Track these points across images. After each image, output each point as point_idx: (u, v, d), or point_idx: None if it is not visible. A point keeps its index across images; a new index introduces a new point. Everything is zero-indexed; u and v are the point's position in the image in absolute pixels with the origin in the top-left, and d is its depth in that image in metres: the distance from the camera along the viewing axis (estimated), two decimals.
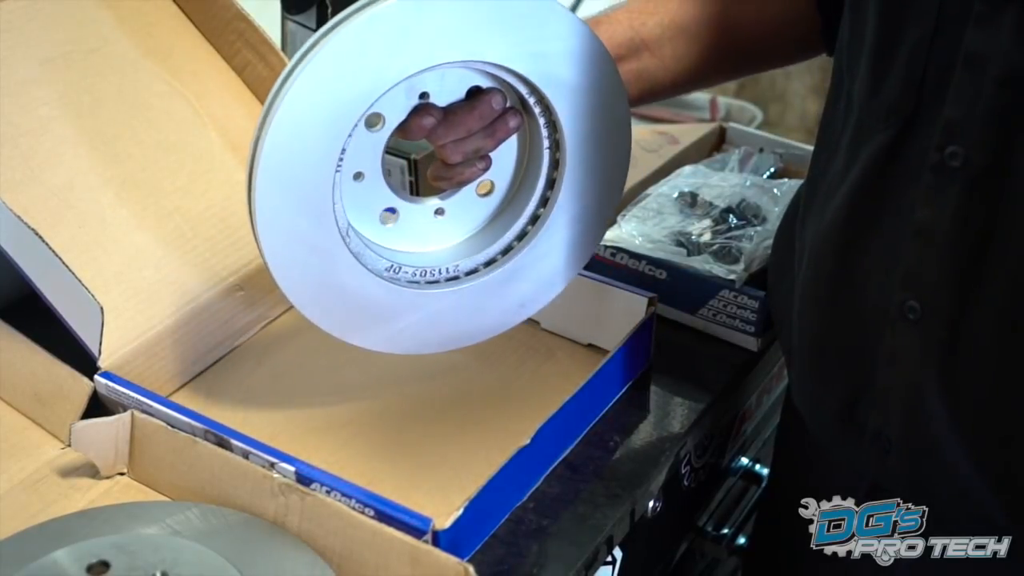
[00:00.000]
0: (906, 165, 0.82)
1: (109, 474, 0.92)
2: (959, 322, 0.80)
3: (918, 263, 0.81)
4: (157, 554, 0.80)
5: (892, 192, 0.83)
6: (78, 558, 0.79)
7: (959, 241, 0.79)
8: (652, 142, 1.34)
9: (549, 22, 0.88)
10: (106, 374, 0.93)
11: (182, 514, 0.85)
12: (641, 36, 1.01)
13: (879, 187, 0.84)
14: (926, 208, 0.80)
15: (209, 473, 0.87)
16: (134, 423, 0.91)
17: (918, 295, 0.82)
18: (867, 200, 0.85)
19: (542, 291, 1.00)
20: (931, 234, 0.80)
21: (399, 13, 0.83)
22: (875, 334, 0.85)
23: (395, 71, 0.85)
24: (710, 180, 1.20)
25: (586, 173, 0.95)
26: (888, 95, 0.82)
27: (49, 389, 0.95)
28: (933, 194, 0.80)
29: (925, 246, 0.81)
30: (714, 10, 1.02)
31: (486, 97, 0.89)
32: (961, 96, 0.77)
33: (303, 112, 0.84)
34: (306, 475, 0.85)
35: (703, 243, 1.11)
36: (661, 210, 1.16)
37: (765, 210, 1.15)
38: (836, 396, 0.91)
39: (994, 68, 0.75)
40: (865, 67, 0.84)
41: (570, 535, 0.89)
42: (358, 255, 0.92)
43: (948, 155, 0.78)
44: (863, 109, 0.85)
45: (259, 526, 0.84)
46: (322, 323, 0.94)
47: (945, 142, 0.78)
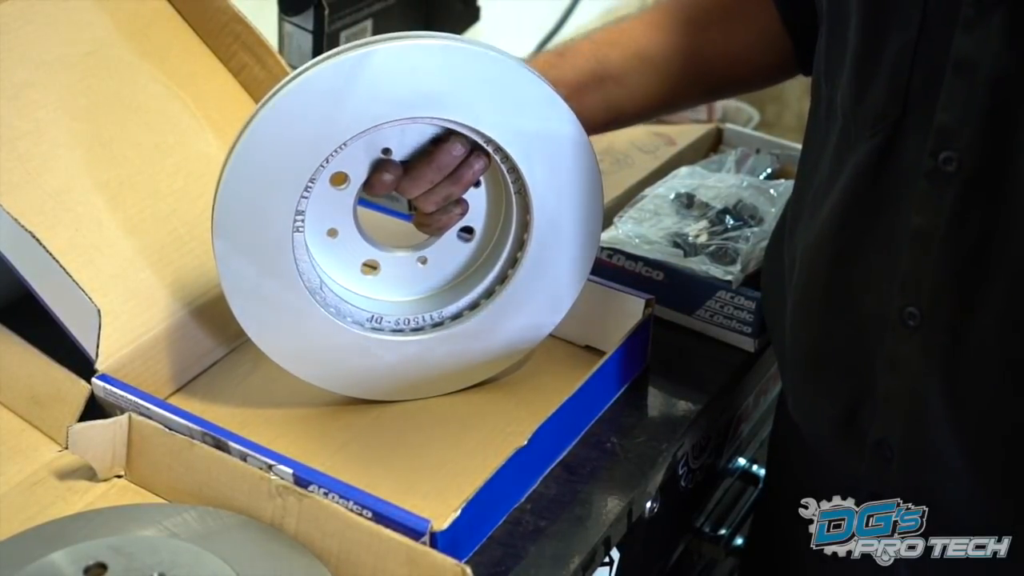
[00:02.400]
0: (897, 171, 0.81)
1: (106, 476, 0.92)
2: (960, 326, 0.80)
3: (916, 270, 0.81)
4: (155, 556, 0.80)
5: (884, 199, 0.83)
6: (75, 560, 0.79)
7: (957, 245, 0.79)
8: (649, 143, 1.34)
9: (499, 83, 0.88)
10: (103, 377, 0.93)
11: (179, 516, 0.85)
12: (605, 67, 1.01)
13: (870, 194, 0.83)
14: (922, 214, 0.80)
15: (206, 475, 0.88)
16: (131, 425, 0.91)
17: (917, 301, 0.81)
18: (858, 208, 0.84)
19: (529, 332, 1.00)
20: (928, 240, 0.80)
21: (333, 75, 0.84)
22: (874, 342, 0.85)
23: (336, 132, 0.86)
24: (707, 181, 1.20)
25: (557, 216, 0.95)
26: (874, 102, 0.82)
27: (46, 391, 0.95)
28: (928, 200, 0.79)
29: (923, 252, 0.80)
30: (680, 40, 1.02)
31: (445, 147, 0.89)
32: (952, 101, 0.77)
33: (250, 173, 0.86)
34: (304, 477, 0.85)
35: (700, 244, 1.11)
36: (658, 211, 1.16)
37: (762, 211, 1.15)
38: (835, 405, 0.90)
39: (984, 72, 0.75)
40: (849, 74, 0.84)
41: (567, 536, 0.89)
42: (336, 309, 0.94)
43: (942, 160, 0.78)
44: (848, 116, 0.85)
45: (256, 528, 0.84)
46: (310, 379, 0.97)
47: (938, 147, 0.78)
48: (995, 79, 0.75)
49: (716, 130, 1.38)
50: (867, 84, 0.82)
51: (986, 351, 0.80)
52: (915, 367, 0.83)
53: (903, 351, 0.83)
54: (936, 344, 0.81)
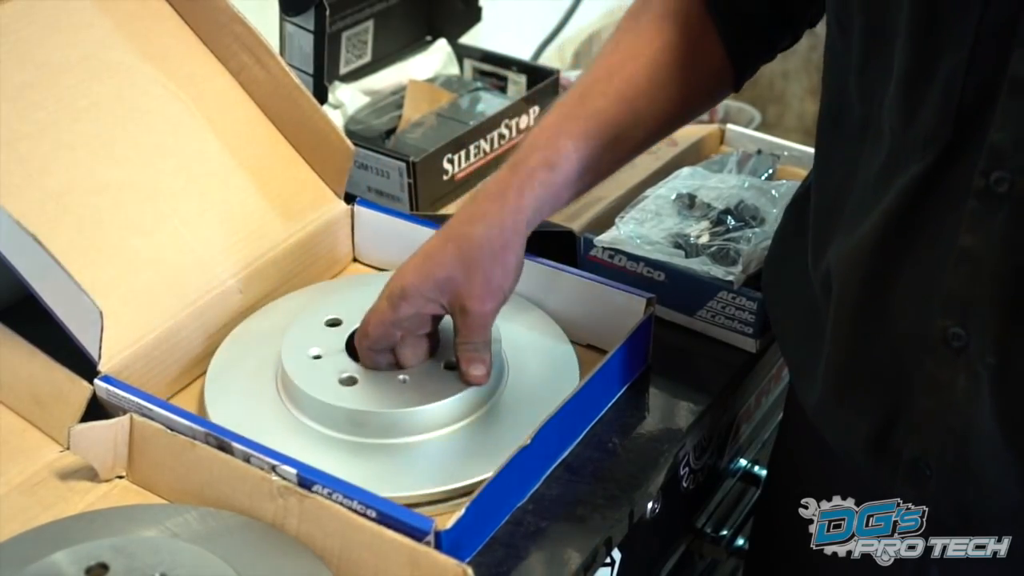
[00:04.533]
0: (945, 192, 0.80)
1: (108, 477, 0.92)
2: (1009, 347, 0.79)
3: (963, 290, 0.79)
4: (156, 556, 0.80)
5: (929, 219, 0.81)
6: (77, 560, 0.80)
7: (1007, 267, 0.77)
8: None
9: None
10: (106, 378, 0.93)
11: (181, 517, 0.85)
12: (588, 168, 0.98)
13: (915, 214, 0.82)
14: (970, 234, 0.78)
15: (208, 475, 0.88)
16: (133, 426, 0.91)
17: (963, 322, 0.80)
18: (901, 227, 0.83)
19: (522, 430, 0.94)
20: (978, 261, 0.78)
21: None
22: (910, 361, 0.83)
23: None
24: (708, 182, 1.20)
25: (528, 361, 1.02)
26: (925, 124, 0.80)
27: (48, 392, 0.95)
28: (979, 220, 0.78)
29: (971, 273, 0.79)
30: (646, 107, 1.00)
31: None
32: (1007, 121, 0.75)
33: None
34: (308, 477, 0.85)
35: (701, 245, 1.11)
36: (659, 212, 1.16)
37: (763, 211, 1.15)
38: (868, 422, 0.88)
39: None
40: (897, 95, 0.82)
41: (569, 537, 0.89)
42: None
43: (994, 181, 0.76)
44: (897, 138, 0.83)
45: (258, 529, 0.84)
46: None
47: (990, 168, 0.76)
48: None
49: (718, 131, 1.38)
50: (918, 105, 0.80)
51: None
52: (959, 388, 0.81)
53: (946, 372, 0.81)
54: (983, 365, 0.80)
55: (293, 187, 1.14)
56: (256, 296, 1.08)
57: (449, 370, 0.97)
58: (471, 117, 1.34)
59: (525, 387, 1.00)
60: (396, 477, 0.91)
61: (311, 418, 0.95)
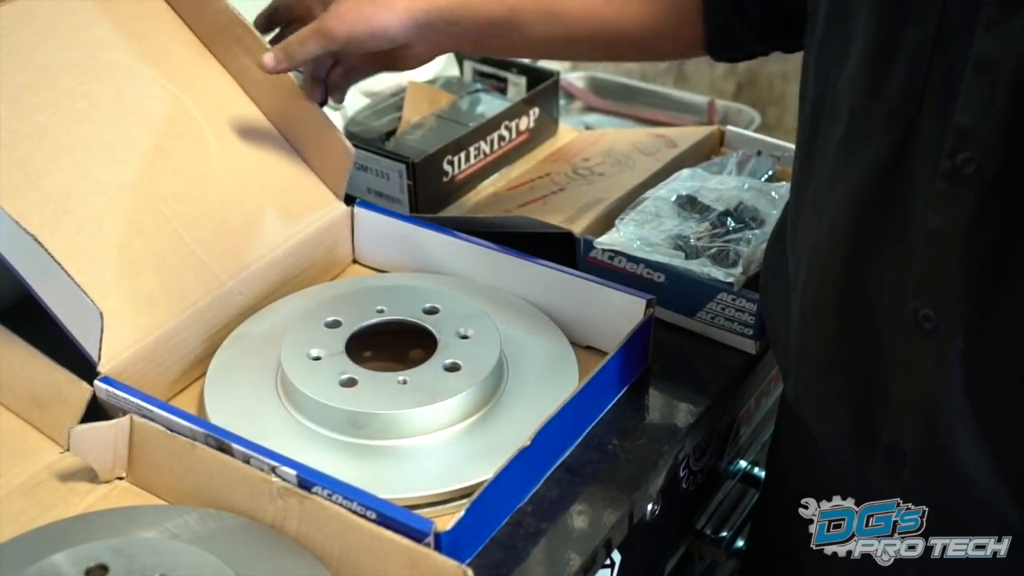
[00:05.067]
0: (911, 171, 0.80)
1: (108, 478, 0.92)
2: (978, 328, 0.79)
3: (932, 272, 0.80)
4: (156, 558, 0.80)
5: (897, 198, 0.81)
6: (77, 562, 0.79)
7: (976, 248, 0.77)
8: (650, 145, 1.34)
9: None
10: (106, 379, 0.93)
11: (181, 518, 0.85)
12: (516, 17, 1.04)
13: (883, 194, 0.82)
14: (939, 216, 0.78)
15: (207, 477, 0.88)
16: (133, 427, 0.91)
17: (933, 304, 0.80)
18: (871, 208, 0.83)
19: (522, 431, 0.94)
20: (946, 242, 0.78)
21: None
22: (886, 344, 0.84)
23: None
24: (708, 183, 1.20)
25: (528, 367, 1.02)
26: (889, 100, 0.80)
27: (48, 393, 0.95)
28: (946, 201, 0.78)
29: (940, 255, 0.79)
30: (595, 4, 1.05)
31: None
32: (972, 102, 0.76)
33: None
34: (308, 478, 0.85)
35: (701, 246, 1.11)
36: (659, 213, 1.16)
37: (763, 213, 1.15)
38: (847, 409, 0.89)
39: (1006, 73, 0.73)
40: (859, 70, 0.82)
41: (569, 538, 0.89)
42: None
43: (961, 162, 0.76)
44: (857, 113, 0.83)
45: (258, 530, 0.84)
46: None
47: (956, 148, 0.77)
48: (1017, 80, 0.73)
49: (717, 132, 1.38)
50: (881, 80, 0.80)
51: (1006, 351, 0.79)
52: (930, 370, 0.82)
53: (917, 354, 0.82)
54: (952, 347, 0.80)
55: (293, 188, 1.14)
56: (256, 297, 1.08)
57: (449, 372, 0.97)
58: (471, 119, 1.34)
59: (525, 388, 1.00)
60: (396, 478, 0.91)
61: (311, 419, 0.95)
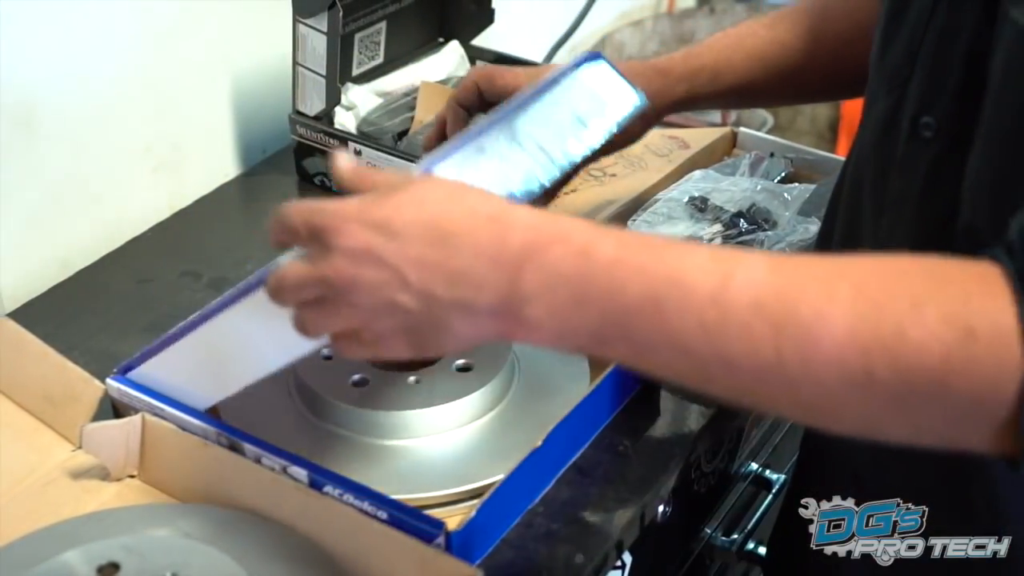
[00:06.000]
0: (898, 133, 0.81)
1: (119, 477, 0.92)
2: None
3: (890, 234, 0.81)
4: (168, 556, 0.80)
5: (886, 160, 0.82)
6: (88, 560, 0.80)
7: (926, 213, 0.79)
8: (663, 146, 1.33)
9: None
10: (118, 377, 0.93)
11: (192, 516, 0.85)
12: (749, 88, 1.04)
13: (877, 154, 0.83)
14: (900, 178, 0.80)
15: (219, 476, 0.88)
16: (145, 426, 0.91)
17: None
18: (867, 167, 0.85)
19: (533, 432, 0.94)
20: (902, 205, 0.80)
21: None
22: None
23: None
24: (720, 185, 1.20)
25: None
26: (891, 62, 0.82)
27: (61, 391, 0.95)
28: (905, 164, 0.79)
29: (897, 216, 0.80)
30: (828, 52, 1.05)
31: None
32: (934, 69, 0.77)
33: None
34: (319, 478, 0.85)
35: None
36: (671, 215, 1.16)
37: (776, 215, 1.15)
38: None
39: (962, 44, 0.75)
40: (878, 32, 0.84)
41: (580, 539, 0.89)
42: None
43: (922, 125, 0.78)
44: (873, 76, 0.85)
45: (269, 529, 0.84)
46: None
47: (919, 112, 0.78)
48: (969, 50, 0.74)
49: (730, 133, 1.38)
50: (889, 44, 0.82)
51: None
52: None
53: None
54: None
55: None
56: None
57: (460, 372, 0.97)
58: None
59: (536, 390, 1.00)
60: (407, 478, 0.91)
61: (323, 418, 0.95)
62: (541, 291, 0.65)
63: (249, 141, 1.45)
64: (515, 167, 0.78)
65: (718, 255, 0.65)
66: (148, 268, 1.23)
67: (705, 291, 0.62)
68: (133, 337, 1.09)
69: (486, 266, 0.65)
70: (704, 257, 0.64)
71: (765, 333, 0.61)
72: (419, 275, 0.66)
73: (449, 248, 0.66)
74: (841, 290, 0.60)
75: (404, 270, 0.66)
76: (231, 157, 1.44)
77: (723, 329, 0.62)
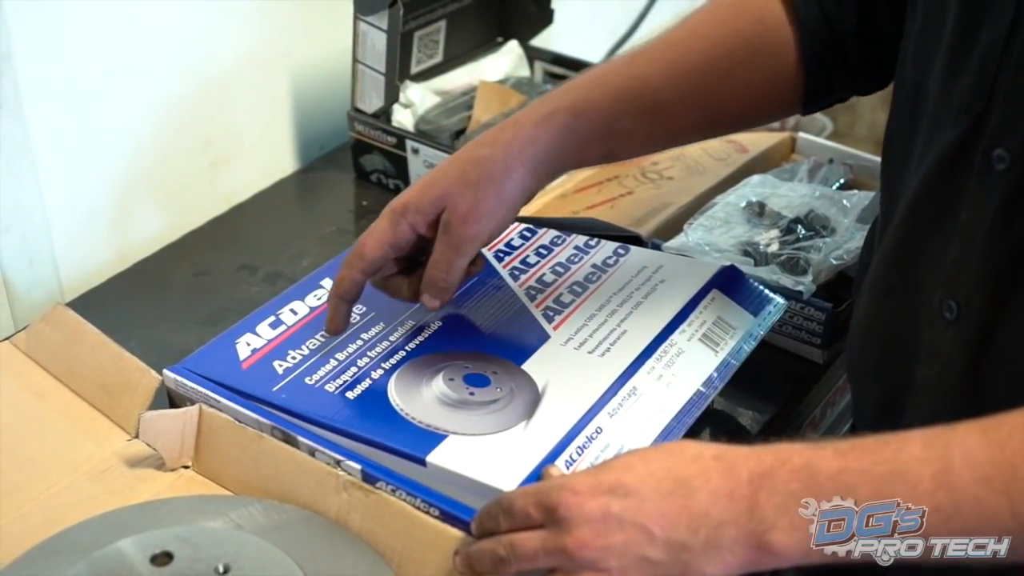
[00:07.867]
0: (968, 165, 0.80)
1: (174, 467, 0.92)
2: (992, 325, 0.80)
3: (958, 264, 0.81)
4: (220, 547, 0.81)
5: (952, 191, 0.82)
6: (142, 548, 0.80)
7: (998, 245, 0.78)
8: (721, 150, 1.33)
9: None
10: (175, 368, 0.94)
11: (245, 509, 0.85)
12: (615, 127, 0.96)
13: (942, 185, 0.83)
14: (971, 210, 0.80)
15: (273, 469, 0.88)
16: (201, 417, 0.91)
17: (956, 295, 0.81)
18: (929, 197, 0.84)
19: None
20: (973, 236, 0.79)
21: None
22: (920, 330, 0.85)
23: None
24: (778, 190, 1.19)
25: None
26: (961, 93, 0.81)
27: (117, 381, 0.96)
28: (977, 196, 0.79)
29: (967, 247, 0.80)
30: (696, 91, 0.97)
31: None
32: (1009, 99, 0.76)
33: None
34: (372, 473, 0.85)
35: (771, 253, 1.10)
36: (728, 219, 1.15)
37: (834, 221, 1.14)
38: (880, 386, 0.91)
39: None
40: (942, 62, 0.83)
41: None
42: None
43: (995, 158, 0.77)
44: (936, 105, 0.84)
45: (321, 523, 0.85)
46: None
47: (992, 145, 0.77)
48: None
49: (789, 139, 1.37)
50: (957, 75, 0.81)
51: (1015, 352, 0.79)
52: (946, 359, 0.83)
53: (938, 343, 0.83)
54: (967, 339, 0.81)
55: None
56: None
57: None
58: None
59: None
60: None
61: None
62: (779, 513, 0.72)
63: (307, 137, 1.46)
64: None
65: (930, 440, 0.72)
66: (205, 261, 1.24)
67: (927, 478, 0.71)
68: (189, 329, 1.10)
69: (724, 503, 0.71)
70: (918, 446, 0.72)
71: (1000, 503, 0.70)
72: (662, 526, 0.71)
73: (686, 494, 0.71)
74: None
75: (647, 525, 0.71)
76: (289, 153, 1.45)
77: (957, 509, 0.71)
